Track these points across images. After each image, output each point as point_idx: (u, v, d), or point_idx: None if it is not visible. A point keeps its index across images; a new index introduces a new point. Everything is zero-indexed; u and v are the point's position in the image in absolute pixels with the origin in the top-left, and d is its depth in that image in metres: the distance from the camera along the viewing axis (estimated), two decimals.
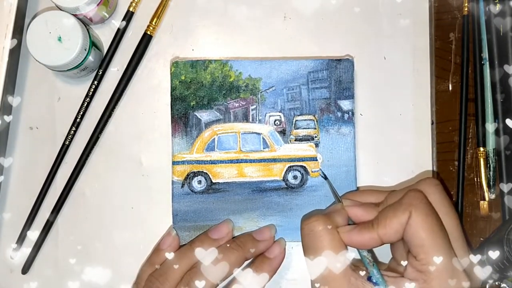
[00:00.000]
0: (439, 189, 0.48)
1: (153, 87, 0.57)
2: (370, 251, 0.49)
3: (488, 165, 0.56)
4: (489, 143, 0.56)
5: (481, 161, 0.56)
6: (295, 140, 0.56)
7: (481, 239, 0.56)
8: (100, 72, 0.57)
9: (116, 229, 0.57)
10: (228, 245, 0.52)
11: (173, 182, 0.56)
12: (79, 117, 0.56)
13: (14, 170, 0.57)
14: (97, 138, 0.57)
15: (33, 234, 0.56)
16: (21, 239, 0.56)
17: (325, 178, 0.55)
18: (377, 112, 0.58)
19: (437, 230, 0.45)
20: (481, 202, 0.56)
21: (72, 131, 0.56)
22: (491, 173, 0.56)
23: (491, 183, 0.56)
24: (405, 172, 0.57)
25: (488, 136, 0.56)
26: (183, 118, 0.56)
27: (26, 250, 0.56)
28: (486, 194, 0.56)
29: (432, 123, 0.57)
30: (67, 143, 0.56)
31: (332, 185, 0.54)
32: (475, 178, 0.57)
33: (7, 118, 0.55)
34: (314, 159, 0.56)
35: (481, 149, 0.56)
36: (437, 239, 0.45)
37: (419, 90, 0.58)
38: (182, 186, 0.56)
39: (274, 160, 0.56)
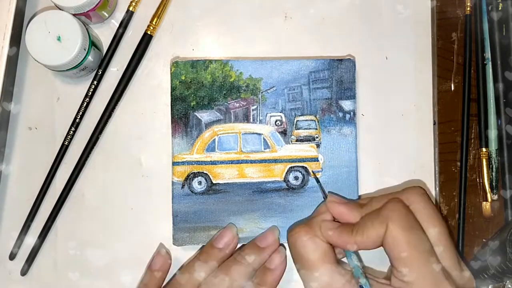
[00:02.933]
0: (424, 198, 0.48)
1: (153, 87, 0.57)
2: (356, 253, 0.49)
3: (491, 165, 0.56)
4: (492, 144, 0.56)
5: (484, 161, 0.56)
6: (296, 141, 0.56)
7: (484, 240, 0.55)
8: (100, 72, 0.56)
9: (116, 231, 0.56)
10: (235, 258, 0.52)
11: (173, 183, 0.55)
12: (79, 117, 0.56)
13: (13, 171, 0.56)
14: (97, 138, 0.56)
15: (32, 236, 0.56)
16: (20, 240, 0.56)
17: (317, 181, 0.55)
18: (379, 112, 0.57)
19: (415, 243, 0.45)
20: (484, 203, 0.56)
21: (72, 132, 0.56)
22: (493, 174, 0.56)
23: (493, 184, 0.56)
24: (407, 172, 0.57)
25: (490, 136, 0.56)
26: (183, 118, 0.55)
27: (25, 251, 0.56)
28: (488, 195, 0.56)
29: (434, 124, 0.57)
30: (66, 143, 0.56)
31: (322, 186, 0.54)
32: (478, 179, 0.56)
33: (7, 106, 0.55)
34: (315, 159, 0.56)
35: (484, 149, 0.56)
36: (415, 252, 0.44)
37: (421, 90, 0.58)
38: (182, 187, 0.55)
39: (275, 160, 0.56)
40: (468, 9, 0.57)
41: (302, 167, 0.56)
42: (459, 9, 0.57)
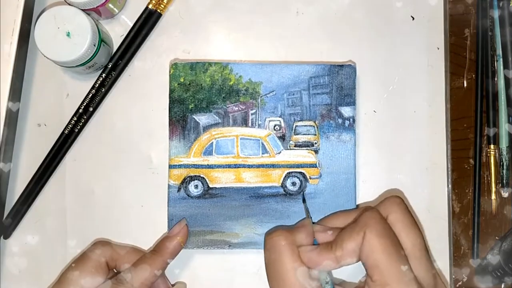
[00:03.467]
0: (401, 207, 0.48)
1: (163, 83, 0.56)
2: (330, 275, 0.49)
3: (502, 163, 0.55)
4: (503, 141, 0.55)
5: (491, 159, 0.56)
6: (294, 146, 0.56)
7: (496, 238, 0.55)
8: (110, 66, 0.56)
9: (125, 228, 0.56)
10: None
11: (169, 186, 0.55)
12: (82, 107, 0.56)
13: (22, 167, 0.56)
14: (92, 112, 0.56)
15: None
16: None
17: (304, 201, 0.55)
18: (392, 109, 0.57)
19: (392, 251, 0.45)
20: (492, 200, 0.55)
21: (73, 121, 0.56)
22: (504, 171, 0.55)
23: (504, 181, 0.55)
24: (420, 169, 0.57)
25: (502, 133, 0.55)
26: (181, 121, 0.55)
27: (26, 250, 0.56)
28: (493, 193, 0.55)
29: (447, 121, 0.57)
30: (66, 132, 0.56)
31: (307, 207, 0.54)
32: (489, 176, 0.56)
33: (16, 102, 0.55)
34: (313, 165, 0.55)
35: (492, 146, 0.56)
36: (391, 260, 0.44)
37: (433, 87, 0.57)
38: (178, 190, 0.55)
39: (272, 165, 0.55)
40: None
41: (300, 173, 0.55)
42: (471, 5, 0.57)
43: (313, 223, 0.52)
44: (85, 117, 0.56)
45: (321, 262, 0.47)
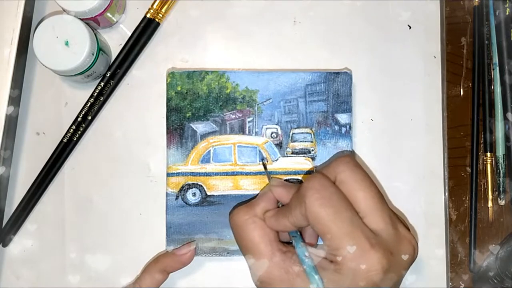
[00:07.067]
0: (349, 166, 0.46)
1: (162, 92, 0.57)
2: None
3: (498, 171, 0.55)
4: (499, 149, 0.56)
5: (488, 167, 0.56)
6: (291, 153, 0.56)
7: (493, 245, 0.55)
8: (108, 74, 0.56)
9: (124, 236, 0.56)
10: None
11: (167, 194, 0.55)
12: (81, 116, 0.56)
13: (21, 176, 0.56)
14: (90, 121, 0.56)
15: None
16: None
17: (265, 168, 0.55)
18: (388, 117, 0.57)
19: (336, 217, 0.43)
20: (489, 208, 0.56)
21: (72, 130, 0.56)
22: (500, 179, 0.55)
23: (501, 189, 0.55)
24: (416, 177, 0.57)
25: (498, 141, 0.56)
26: (178, 129, 0.55)
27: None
28: (489, 200, 0.56)
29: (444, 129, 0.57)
30: (65, 140, 0.56)
31: (267, 172, 0.55)
32: (486, 184, 0.56)
33: (14, 111, 0.54)
34: (310, 172, 0.55)
35: (488, 154, 0.56)
36: (337, 226, 0.43)
37: (430, 95, 0.57)
38: (176, 198, 0.55)
39: (270, 173, 0.55)
40: (476, 1, 0.57)
41: (297, 179, 0.55)
42: (468, 14, 0.57)
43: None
44: (83, 125, 0.56)
45: (280, 226, 0.47)
